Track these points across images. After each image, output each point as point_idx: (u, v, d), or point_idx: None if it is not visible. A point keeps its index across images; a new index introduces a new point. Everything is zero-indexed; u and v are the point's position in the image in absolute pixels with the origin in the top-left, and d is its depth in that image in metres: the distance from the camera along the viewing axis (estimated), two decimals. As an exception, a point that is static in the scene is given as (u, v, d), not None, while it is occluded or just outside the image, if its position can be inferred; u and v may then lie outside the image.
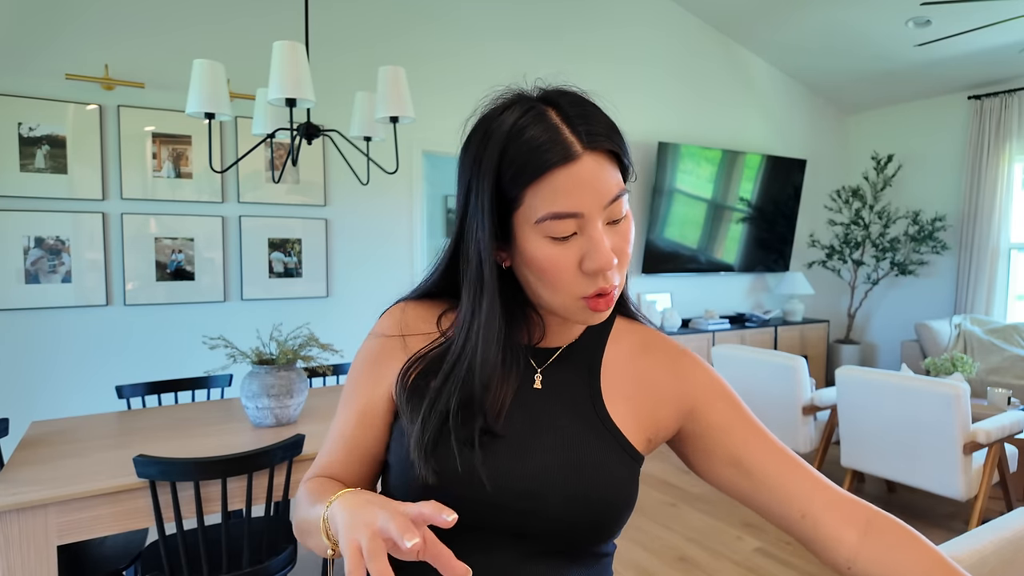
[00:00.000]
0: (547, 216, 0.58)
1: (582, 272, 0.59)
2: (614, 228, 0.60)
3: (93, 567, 1.74)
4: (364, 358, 0.72)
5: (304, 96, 1.90)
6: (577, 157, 0.57)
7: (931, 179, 5.45)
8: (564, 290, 0.60)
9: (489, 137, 0.60)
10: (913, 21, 4.28)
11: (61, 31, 2.87)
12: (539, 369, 0.69)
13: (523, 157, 0.57)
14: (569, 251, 0.59)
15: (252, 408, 1.95)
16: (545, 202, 0.58)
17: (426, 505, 0.50)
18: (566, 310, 0.62)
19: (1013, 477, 3.02)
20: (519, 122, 0.58)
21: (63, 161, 2.88)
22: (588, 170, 0.57)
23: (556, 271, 0.59)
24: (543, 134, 0.57)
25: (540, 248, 0.59)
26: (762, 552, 2.66)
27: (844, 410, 2.95)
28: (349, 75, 3.57)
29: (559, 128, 0.58)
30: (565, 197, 0.57)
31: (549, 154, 0.57)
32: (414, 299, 0.74)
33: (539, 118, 0.58)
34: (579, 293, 0.60)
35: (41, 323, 2.89)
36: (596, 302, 0.60)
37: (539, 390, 0.68)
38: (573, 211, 0.57)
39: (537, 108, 0.59)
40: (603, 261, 0.58)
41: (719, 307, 5.32)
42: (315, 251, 3.51)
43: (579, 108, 0.59)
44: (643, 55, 4.70)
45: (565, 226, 0.58)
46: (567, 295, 0.61)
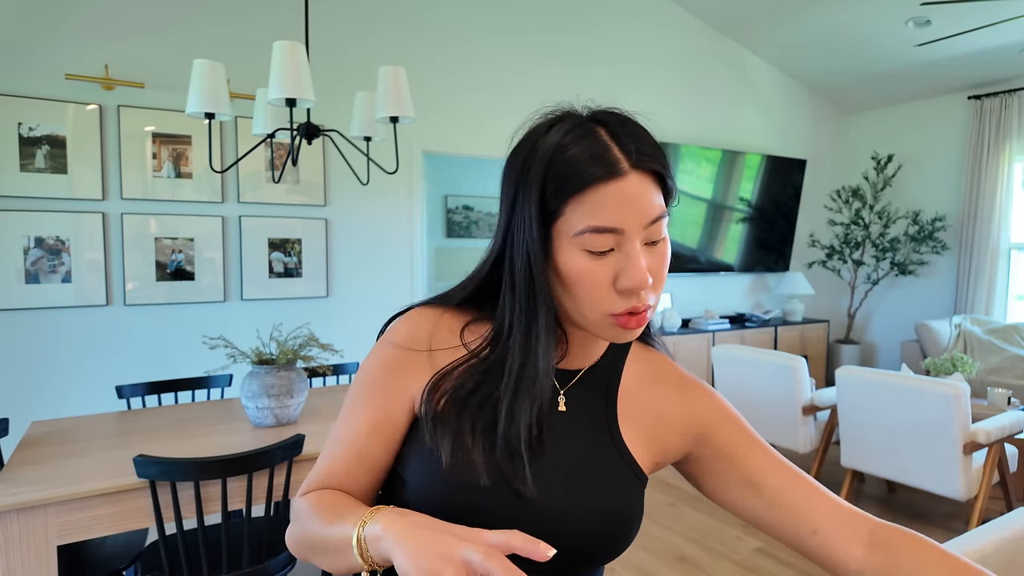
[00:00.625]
0: (587, 229, 0.58)
1: (615, 289, 0.60)
2: (651, 249, 0.61)
3: (93, 567, 1.74)
4: (382, 366, 0.68)
5: (304, 96, 1.90)
6: (623, 174, 0.58)
7: (931, 179, 5.45)
8: (596, 306, 0.60)
9: (537, 149, 0.61)
10: (913, 21, 4.28)
11: (61, 31, 2.87)
12: (562, 391, 0.70)
13: (569, 169, 0.58)
14: (605, 267, 0.59)
15: (252, 408, 1.95)
16: (586, 215, 0.58)
17: (515, 536, 0.48)
18: (595, 326, 0.62)
19: (1013, 477, 3.02)
20: (567, 136, 0.59)
21: (63, 161, 2.88)
22: (632, 188, 0.58)
23: (590, 285, 0.59)
24: (591, 148, 0.58)
25: (576, 261, 0.59)
26: (762, 552, 2.66)
27: (844, 410, 2.95)
28: (349, 75, 3.57)
29: (608, 145, 0.59)
30: (607, 212, 0.58)
31: (596, 168, 0.58)
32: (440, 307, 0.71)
33: (588, 133, 0.59)
34: (609, 310, 0.60)
35: (41, 323, 2.89)
36: (627, 320, 0.60)
37: (563, 412, 0.69)
38: (613, 226, 0.58)
39: (586, 124, 0.60)
40: (638, 279, 0.58)
41: (719, 307, 5.32)
42: (315, 251, 3.51)
43: (627, 128, 0.60)
44: (643, 55, 4.70)
45: (604, 241, 0.58)
46: (598, 311, 0.61)
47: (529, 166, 0.61)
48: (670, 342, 4.50)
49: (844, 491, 3.06)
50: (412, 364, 0.68)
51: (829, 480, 3.50)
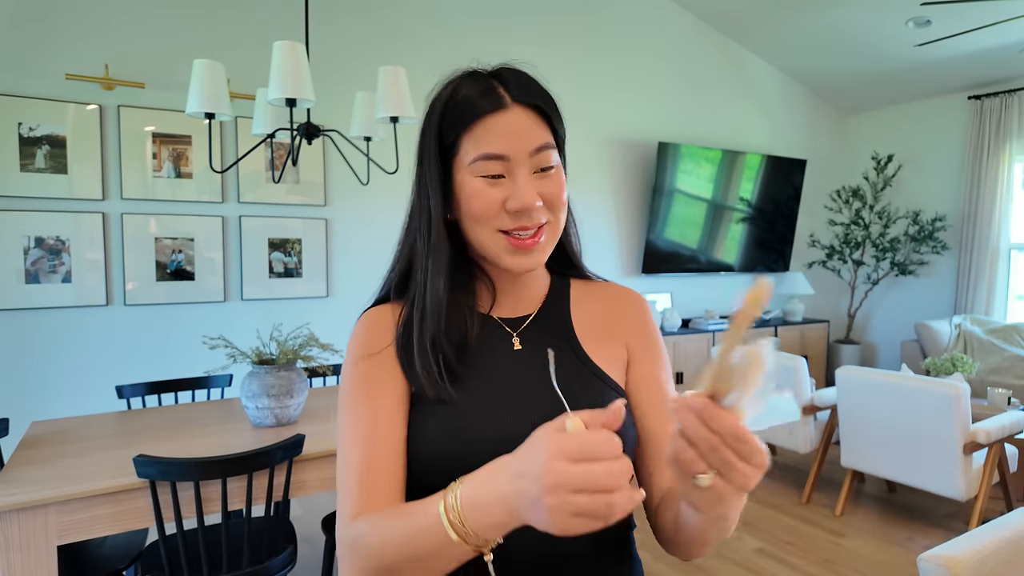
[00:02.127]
0: (477, 157, 0.65)
1: (506, 211, 0.66)
2: (543, 176, 0.67)
3: (93, 567, 1.74)
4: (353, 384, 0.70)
5: (304, 96, 1.90)
6: (506, 107, 0.65)
7: (931, 179, 5.45)
8: (490, 225, 0.67)
9: (437, 100, 0.69)
10: (913, 21, 4.28)
11: (61, 31, 2.87)
12: (515, 333, 0.74)
13: (460, 107, 0.66)
14: (497, 190, 0.66)
15: (252, 408, 1.95)
16: (477, 145, 0.65)
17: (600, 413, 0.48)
18: (494, 250, 0.68)
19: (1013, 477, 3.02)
20: (462, 83, 0.68)
21: (63, 161, 2.88)
22: (515, 119, 0.65)
23: (483, 205, 0.66)
24: (478, 88, 0.66)
25: (472, 185, 0.66)
26: (762, 552, 2.66)
27: (844, 410, 2.95)
28: (349, 75, 3.57)
29: (493, 85, 0.67)
30: (494, 140, 0.65)
31: (482, 103, 0.65)
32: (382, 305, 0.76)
33: (477, 78, 0.68)
34: (500, 226, 0.66)
35: (41, 323, 2.89)
36: (518, 242, 0.66)
37: (520, 350, 0.73)
38: (500, 153, 0.65)
39: (478, 73, 0.69)
40: (524, 200, 0.64)
41: (719, 307, 5.32)
42: (315, 251, 3.51)
43: (513, 73, 0.69)
44: (643, 55, 4.69)
45: (493, 166, 0.65)
46: (491, 230, 0.67)
47: (431, 115, 0.69)
48: (670, 342, 4.50)
49: (844, 491, 3.06)
50: (381, 363, 0.71)
51: (829, 480, 3.50)
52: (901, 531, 2.87)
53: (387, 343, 0.72)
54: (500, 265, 0.69)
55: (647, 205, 4.76)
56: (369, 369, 0.70)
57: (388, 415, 0.68)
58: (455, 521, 0.51)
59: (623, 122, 4.67)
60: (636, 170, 4.77)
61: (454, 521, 0.51)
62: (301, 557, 2.56)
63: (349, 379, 0.71)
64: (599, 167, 4.58)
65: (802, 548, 2.70)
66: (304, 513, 3.04)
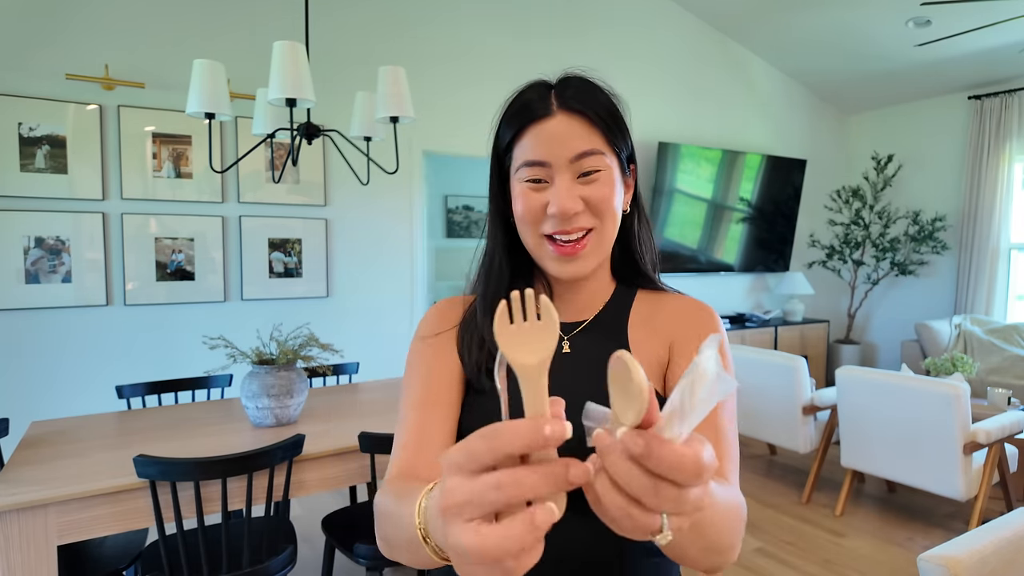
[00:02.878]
0: (522, 163, 0.68)
1: (547, 215, 0.68)
2: (588, 182, 0.67)
3: (93, 567, 1.74)
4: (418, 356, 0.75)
5: (304, 96, 1.90)
6: (550, 114, 0.67)
7: (931, 179, 5.45)
8: (534, 228, 0.69)
9: (503, 106, 0.73)
10: (913, 21, 4.28)
11: (61, 31, 2.87)
12: (566, 337, 0.75)
13: (513, 113, 0.70)
14: (540, 195, 0.68)
15: (252, 408, 1.95)
16: (524, 152, 0.68)
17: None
18: (539, 253, 0.70)
19: (1013, 477, 3.02)
20: (520, 91, 0.71)
21: (63, 161, 2.88)
22: (557, 126, 0.67)
23: (527, 209, 0.68)
24: (533, 95, 0.69)
25: (519, 189, 0.69)
26: (762, 552, 2.66)
27: (844, 410, 2.95)
28: (349, 75, 3.57)
29: (544, 93, 0.69)
30: (536, 146, 0.67)
31: (530, 110, 0.68)
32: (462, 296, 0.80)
33: (538, 86, 0.71)
34: (541, 230, 0.69)
35: (41, 323, 2.89)
36: (561, 248, 0.68)
37: (569, 353, 0.73)
38: (540, 159, 0.67)
39: (539, 82, 0.71)
40: (560, 205, 0.65)
41: (719, 307, 5.32)
42: (315, 251, 3.51)
43: (570, 80, 0.71)
44: (643, 55, 4.69)
45: (535, 172, 0.67)
46: (535, 234, 0.69)
47: (495, 123, 0.73)
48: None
49: (844, 491, 3.06)
50: (440, 344, 0.75)
51: (829, 480, 3.50)
52: (901, 531, 2.87)
53: (450, 327, 0.76)
54: (547, 271, 0.71)
55: (647, 205, 4.75)
56: (429, 347, 0.75)
57: (440, 388, 0.71)
58: (421, 524, 0.45)
59: (623, 122, 4.66)
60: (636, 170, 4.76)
61: (421, 524, 0.45)
62: (301, 557, 2.56)
63: (411, 352, 0.76)
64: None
65: (802, 548, 2.70)
66: (304, 513, 3.04)
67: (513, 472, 0.33)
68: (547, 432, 0.32)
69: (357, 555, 1.79)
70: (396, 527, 0.52)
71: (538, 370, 0.36)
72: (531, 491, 0.32)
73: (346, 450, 1.82)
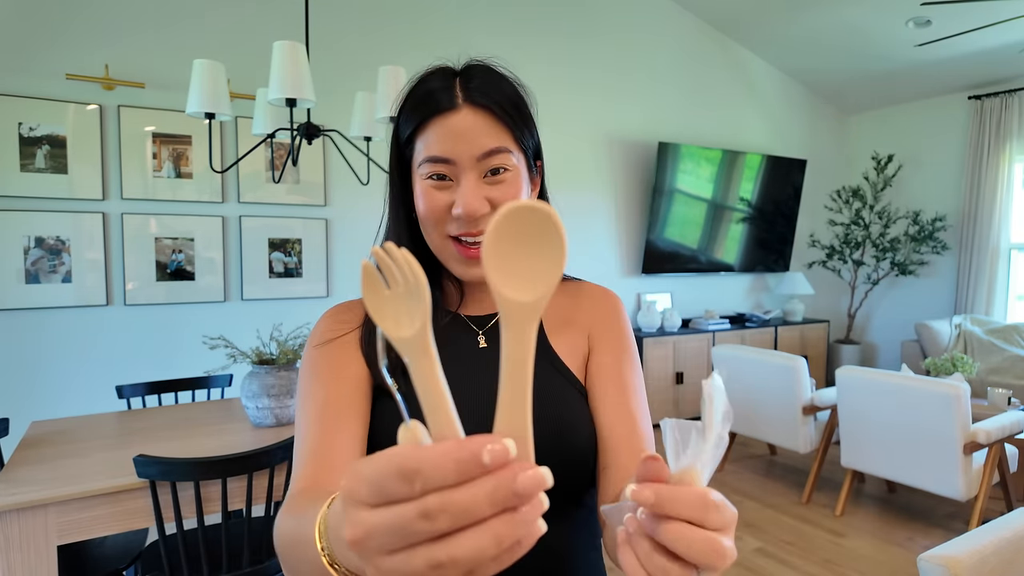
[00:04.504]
0: (425, 159, 0.64)
1: (452, 216, 0.64)
2: (496, 181, 0.64)
3: (93, 567, 1.74)
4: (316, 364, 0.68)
5: (304, 96, 1.90)
6: (455, 107, 0.63)
7: (931, 179, 5.45)
8: (438, 229, 0.65)
9: (402, 94, 0.68)
10: (913, 21, 4.28)
11: (61, 31, 2.87)
12: (480, 331, 0.73)
13: (415, 104, 0.65)
14: (444, 194, 0.64)
15: (252, 408, 1.95)
16: (427, 147, 0.64)
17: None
18: (443, 253, 0.67)
19: (1013, 477, 3.02)
20: (425, 78, 0.66)
21: (63, 161, 2.88)
22: (462, 122, 0.63)
23: (430, 209, 0.64)
24: (436, 85, 0.64)
25: (421, 187, 0.65)
26: (762, 552, 2.66)
27: (844, 410, 2.95)
28: (349, 75, 3.57)
29: (450, 84, 0.64)
30: (440, 142, 0.63)
31: (433, 102, 0.63)
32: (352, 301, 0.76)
33: (441, 75, 0.66)
34: (446, 231, 0.65)
35: (41, 323, 2.89)
36: (466, 250, 0.65)
37: (485, 348, 0.71)
38: (444, 156, 0.63)
39: (442, 68, 0.67)
40: (467, 206, 0.62)
41: (719, 307, 5.32)
42: (315, 251, 3.51)
43: (482, 72, 0.66)
44: (643, 55, 4.69)
45: (439, 169, 0.63)
46: (439, 235, 0.66)
47: (396, 108, 0.68)
48: (670, 342, 4.50)
49: (844, 491, 3.06)
50: (341, 348, 0.69)
51: (829, 480, 3.49)
52: (901, 531, 2.87)
53: (350, 329, 0.70)
54: (452, 272, 0.68)
55: (647, 205, 4.76)
56: (328, 352, 0.68)
57: (345, 393, 0.65)
58: (322, 539, 0.39)
59: (623, 122, 4.67)
60: (636, 170, 4.77)
61: (321, 537, 0.39)
62: (301, 557, 2.56)
63: (306, 361, 0.69)
64: (599, 167, 4.58)
65: (802, 548, 2.70)
66: (304, 513, 3.04)
67: (443, 497, 0.26)
68: (486, 460, 0.26)
69: (357, 555, 1.78)
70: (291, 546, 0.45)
71: (419, 345, 0.31)
72: (472, 517, 0.26)
73: (346, 450, 1.82)
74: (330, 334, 0.70)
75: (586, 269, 4.59)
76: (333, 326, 0.71)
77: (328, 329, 0.71)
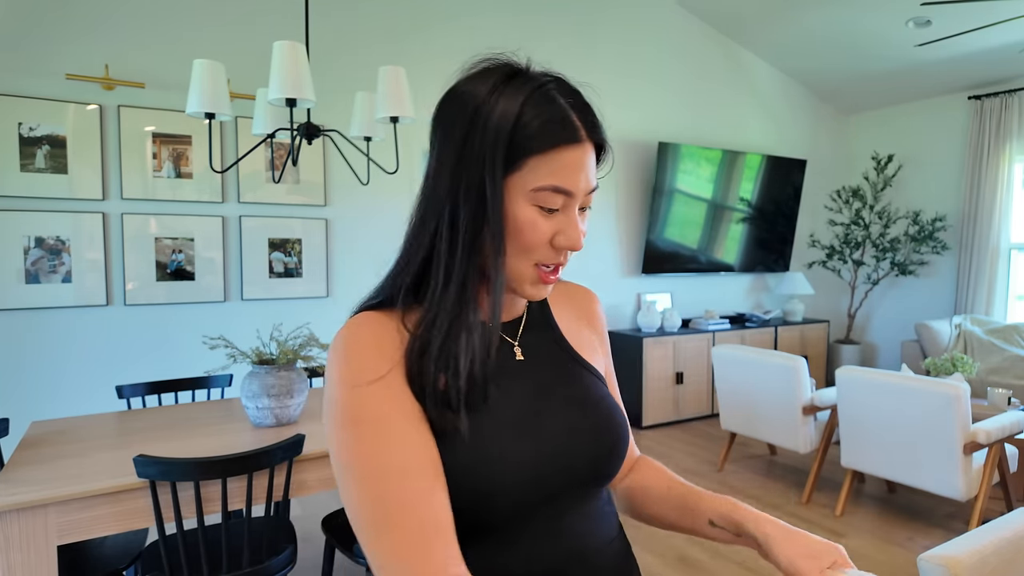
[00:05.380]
0: (547, 187, 0.61)
1: (551, 245, 0.64)
2: (581, 216, 0.66)
3: (93, 567, 1.74)
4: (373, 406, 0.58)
5: (304, 96, 1.90)
6: (582, 141, 0.63)
7: (931, 179, 5.45)
8: (531, 257, 0.64)
9: (501, 97, 0.61)
10: (913, 21, 4.28)
11: (61, 31, 2.87)
12: (516, 342, 0.73)
13: (537, 126, 0.61)
14: (548, 223, 0.63)
15: (252, 408, 1.95)
16: (547, 174, 0.61)
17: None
18: (519, 279, 0.66)
19: (1013, 477, 3.02)
20: (535, 93, 0.62)
21: (63, 161, 2.88)
22: (586, 156, 0.63)
23: (533, 236, 0.63)
24: (558, 112, 0.62)
25: (527, 213, 0.62)
26: (762, 552, 2.66)
27: (844, 410, 2.95)
28: (349, 75, 3.57)
29: (567, 111, 0.63)
30: (566, 174, 0.62)
31: (563, 132, 0.61)
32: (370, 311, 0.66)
33: (550, 96, 0.63)
34: (541, 260, 0.65)
35: (41, 323, 2.89)
36: (547, 275, 0.66)
37: (523, 361, 0.71)
38: (568, 189, 0.62)
39: (545, 88, 0.63)
40: (575, 240, 0.64)
41: (719, 307, 5.32)
42: (315, 251, 3.51)
43: (579, 98, 0.65)
44: (643, 55, 4.70)
45: (556, 200, 0.62)
46: (529, 262, 0.65)
47: (482, 118, 0.61)
48: (670, 342, 4.50)
49: (844, 491, 3.06)
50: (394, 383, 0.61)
51: (829, 480, 3.50)
52: (901, 531, 2.87)
53: (393, 360, 0.61)
54: (516, 292, 0.67)
55: (647, 205, 4.76)
56: (383, 389, 0.59)
57: (424, 441, 0.58)
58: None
59: (623, 122, 4.67)
60: (636, 170, 4.77)
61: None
62: (301, 557, 2.56)
63: (355, 404, 0.58)
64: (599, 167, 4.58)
65: (802, 548, 2.70)
66: (304, 513, 3.04)
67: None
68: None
69: (357, 555, 1.79)
70: None
71: None
72: None
73: (346, 450, 1.82)
74: (378, 366, 0.60)
75: (586, 269, 4.59)
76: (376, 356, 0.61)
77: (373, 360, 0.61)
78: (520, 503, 0.62)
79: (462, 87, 0.64)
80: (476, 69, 0.65)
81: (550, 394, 0.69)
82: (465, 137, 0.62)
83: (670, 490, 0.79)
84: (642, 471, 0.84)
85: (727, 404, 3.56)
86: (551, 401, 0.68)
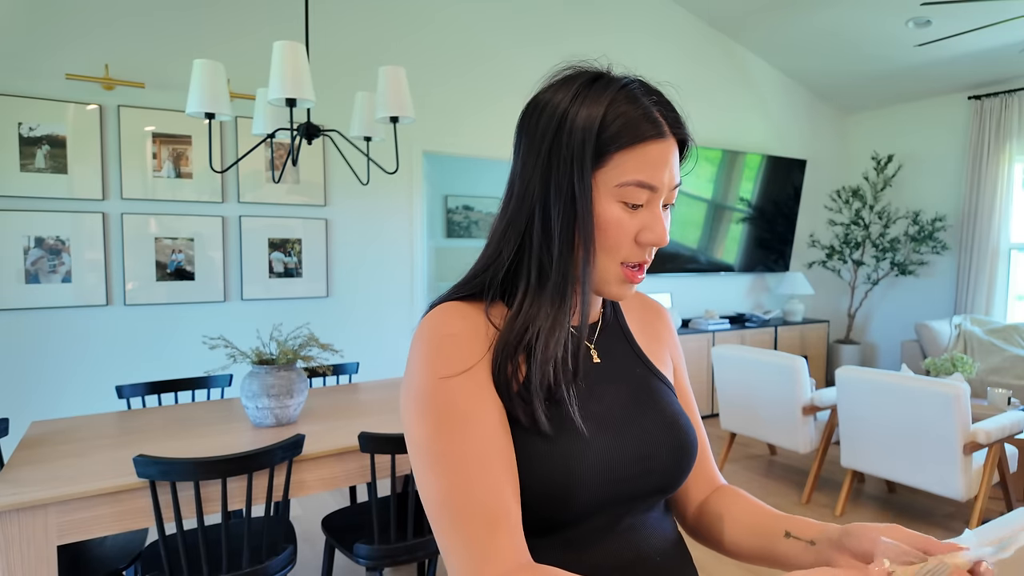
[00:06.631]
0: (632, 182, 0.62)
1: (636, 242, 0.64)
2: (665, 213, 0.66)
3: (93, 567, 1.74)
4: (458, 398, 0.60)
5: (304, 96, 1.90)
6: (666, 137, 0.63)
7: (931, 179, 5.45)
8: (617, 254, 0.64)
9: (585, 99, 0.63)
10: (913, 21, 4.28)
11: (61, 31, 2.87)
12: (592, 345, 0.74)
13: (623, 122, 0.61)
14: (633, 219, 0.64)
15: (252, 408, 1.95)
16: (633, 169, 0.62)
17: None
18: (605, 278, 0.66)
19: (1013, 477, 3.02)
20: (618, 93, 0.63)
21: (63, 161, 2.88)
22: (671, 152, 0.64)
23: (619, 233, 0.63)
24: (639, 109, 0.62)
25: (612, 210, 0.63)
26: (762, 552, 2.66)
27: (844, 410, 2.95)
28: (349, 75, 3.57)
29: (650, 108, 0.63)
30: (652, 169, 0.62)
31: (649, 126, 0.62)
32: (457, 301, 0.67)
33: (633, 95, 0.63)
34: (627, 259, 0.65)
35: (41, 323, 2.89)
36: (634, 274, 0.66)
37: (600, 364, 0.72)
38: (654, 184, 0.63)
39: (630, 86, 0.64)
40: (660, 235, 0.64)
41: (719, 307, 5.32)
42: (315, 251, 3.51)
43: (661, 98, 0.66)
44: (643, 54, 4.70)
45: (641, 195, 0.63)
46: (615, 260, 0.65)
47: (576, 115, 0.62)
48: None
49: (844, 491, 3.06)
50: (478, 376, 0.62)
51: (829, 480, 3.50)
52: (901, 531, 2.86)
53: (481, 353, 0.63)
54: (601, 292, 0.67)
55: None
56: (468, 382, 0.60)
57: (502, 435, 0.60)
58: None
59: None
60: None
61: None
62: (301, 557, 2.56)
63: (441, 395, 0.60)
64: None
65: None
66: (304, 513, 3.04)
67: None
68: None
69: (357, 555, 1.79)
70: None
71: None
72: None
73: (346, 450, 1.82)
74: (464, 358, 0.61)
75: (586, 269, 4.58)
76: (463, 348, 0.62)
77: (459, 352, 0.62)
78: (595, 500, 0.63)
79: (546, 96, 0.65)
80: (559, 77, 0.67)
81: (627, 398, 0.70)
82: (553, 141, 0.63)
83: (746, 513, 0.74)
84: (724, 498, 0.78)
85: (727, 404, 3.56)
86: (629, 405, 0.70)
